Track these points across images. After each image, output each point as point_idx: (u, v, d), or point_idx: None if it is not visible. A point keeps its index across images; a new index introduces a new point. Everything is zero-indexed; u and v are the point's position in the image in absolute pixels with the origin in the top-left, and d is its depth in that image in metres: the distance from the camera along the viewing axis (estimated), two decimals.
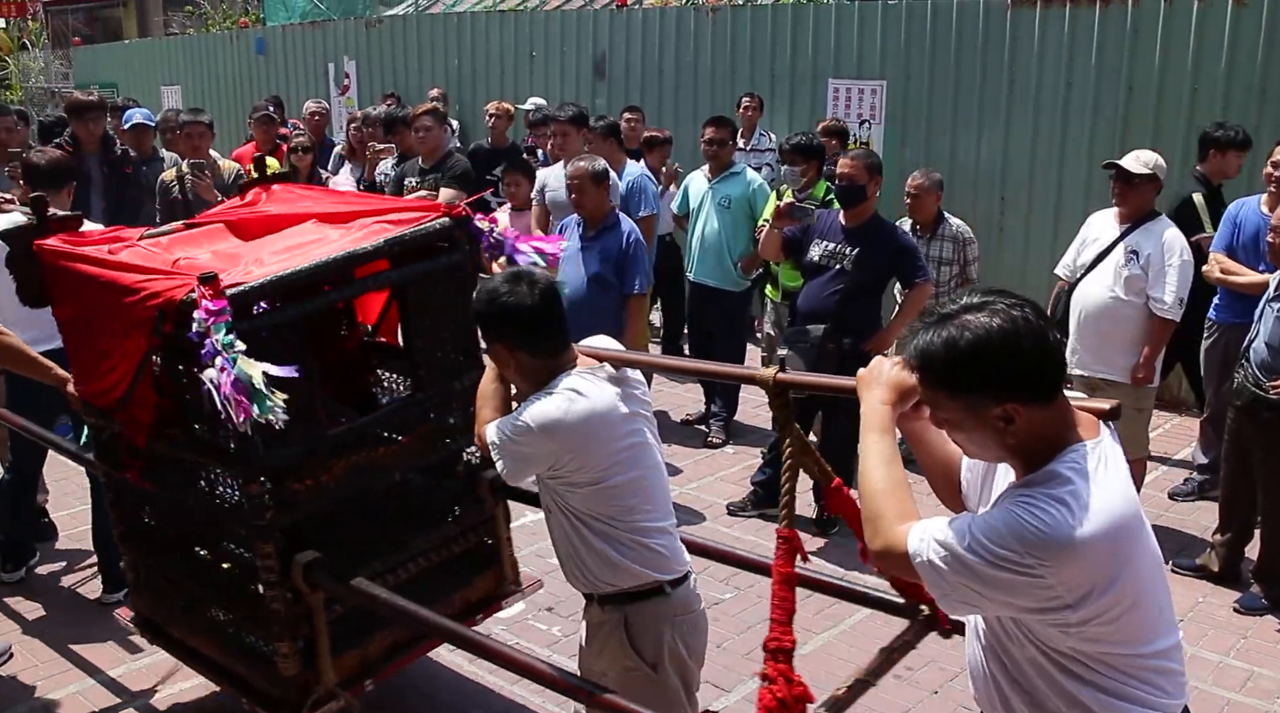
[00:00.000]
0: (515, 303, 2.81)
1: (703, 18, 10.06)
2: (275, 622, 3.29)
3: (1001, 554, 1.86)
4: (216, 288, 2.95)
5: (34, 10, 24.35)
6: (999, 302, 1.94)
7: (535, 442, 2.77)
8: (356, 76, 13.23)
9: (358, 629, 3.51)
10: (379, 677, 3.57)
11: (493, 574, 3.93)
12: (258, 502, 3.17)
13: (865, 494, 2.09)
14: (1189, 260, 5.30)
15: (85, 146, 7.01)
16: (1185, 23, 7.39)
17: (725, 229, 6.85)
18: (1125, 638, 1.95)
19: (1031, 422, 1.92)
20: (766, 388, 2.58)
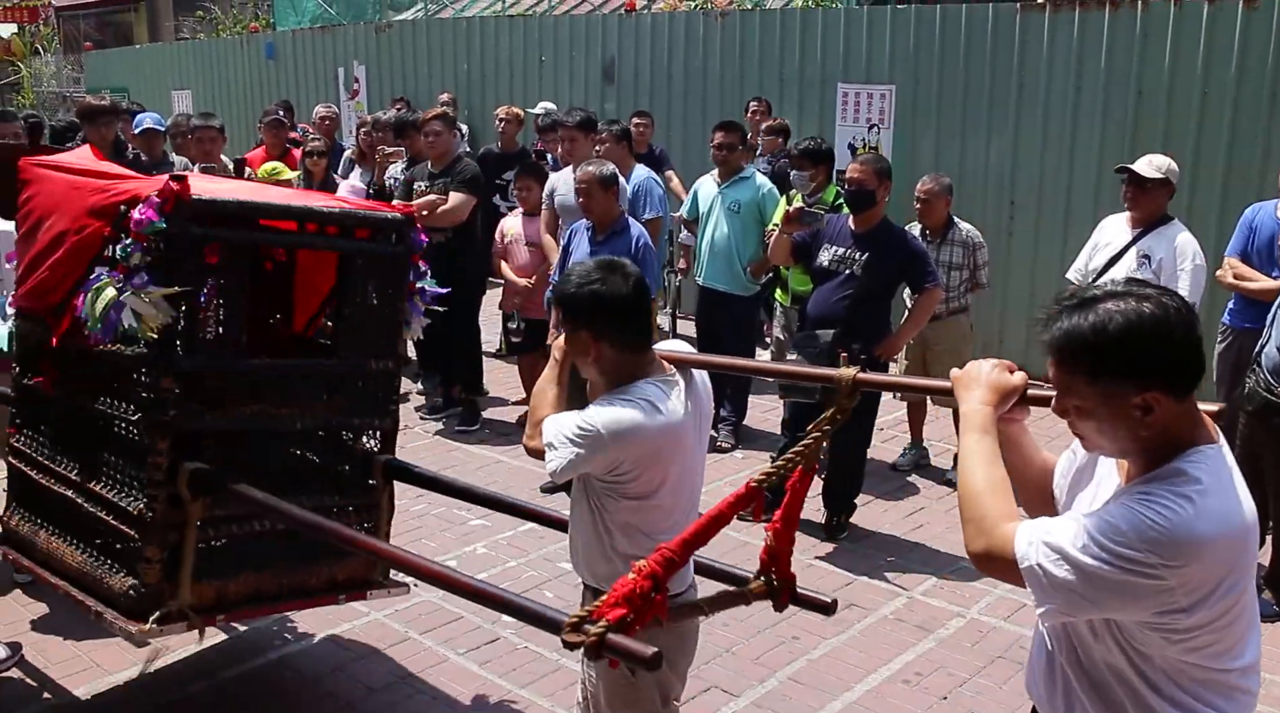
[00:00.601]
0: (608, 291, 2.78)
1: (712, 22, 10.07)
2: (148, 526, 3.38)
3: (1121, 553, 1.79)
4: (185, 188, 3.17)
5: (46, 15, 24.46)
6: (1149, 290, 1.89)
7: (599, 447, 2.71)
8: (366, 81, 13.27)
9: (222, 565, 3.61)
10: (233, 616, 3.70)
11: (367, 560, 3.94)
12: (166, 397, 3.34)
13: (966, 495, 2.02)
14: (1201, 264, 5.28)
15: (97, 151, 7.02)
16: (1195, 26, 7.38)
17: (734, 234, 6.85)
18: (1223, 650, 1.90)
19: (1168, 415, 1.86)
20: (842, 389, 2.54)
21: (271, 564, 3.68)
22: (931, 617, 4.85)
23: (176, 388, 3.37)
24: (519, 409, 7.56)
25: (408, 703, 4.19)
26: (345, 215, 3.76)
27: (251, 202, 3.55)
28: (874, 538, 5.70)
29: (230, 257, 3.48)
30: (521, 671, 4.37)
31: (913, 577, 5.24)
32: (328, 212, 3.74)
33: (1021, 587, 1.92)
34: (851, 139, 9.10)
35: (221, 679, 4.32)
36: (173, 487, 3.38)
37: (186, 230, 3.25)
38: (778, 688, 4.29)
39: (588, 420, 2.73)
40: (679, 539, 2.38)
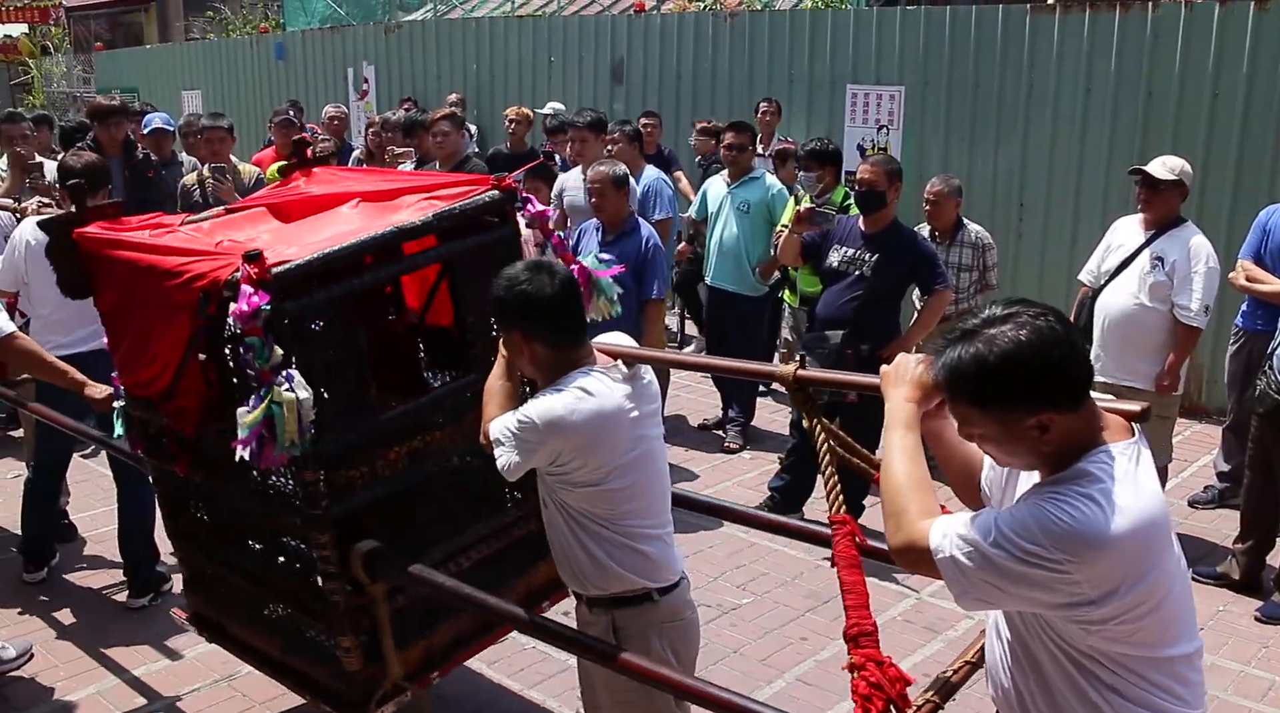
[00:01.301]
0: (534, 291, 2.80)
1: (721, 23, 10.07)
2: (335, 615, 3.20)
3: (1028, 549, 1.85)
4: (263, 266, 2.84)
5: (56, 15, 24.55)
6: (1023, 313, 1.93)
7: (538, 438, 2.74)
8: (375, 81, 13.29)
9: (421, 621, 3.42)
10: (445, 669, 3.51)
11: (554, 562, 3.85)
12: (312, 490, 3.07)
13: (887, 490, 2.09)
14: (1215, 267, 5.26)
15: (107, 151, 7.04)
16: (1206, 27, 7.35)
17: (744, 234, 6.84)
18: (1146, 640, 1.95)
19: (1065, 427, 1.92)
20: (786, 385, 2.59)
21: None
22: (940, 618, 4.84)
23: (322, 477, 3.07)
24: None
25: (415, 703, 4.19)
26: (440, 218, 3.30)
27: (334, 251, 3.04)
28: (882, 539, 5.69)
29: (331, 313, 3.10)
30: (529, 671, 4.37)
31: (921, 579, 5.23)
32: (421, 223, 3.26)
33: (939, 579, 1.98)
34: (860, 140, 9.10)
35: (231, 678, 4.33)
36: (349, 574, 3.15)
37: (279, 308, 2.88)
38: (786, 689, 4.29)
39: (524, 415, 2.77)
40: (849, 613, 2.32)
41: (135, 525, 4.90)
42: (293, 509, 3.22)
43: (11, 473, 5.98)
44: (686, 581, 3.07)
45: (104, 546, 5.44)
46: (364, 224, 3.31)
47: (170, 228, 3.51)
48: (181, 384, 3.20)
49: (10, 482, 5.79)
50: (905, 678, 2.24)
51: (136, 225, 3.55)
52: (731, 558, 5.41)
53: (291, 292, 2.94)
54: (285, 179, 4.04)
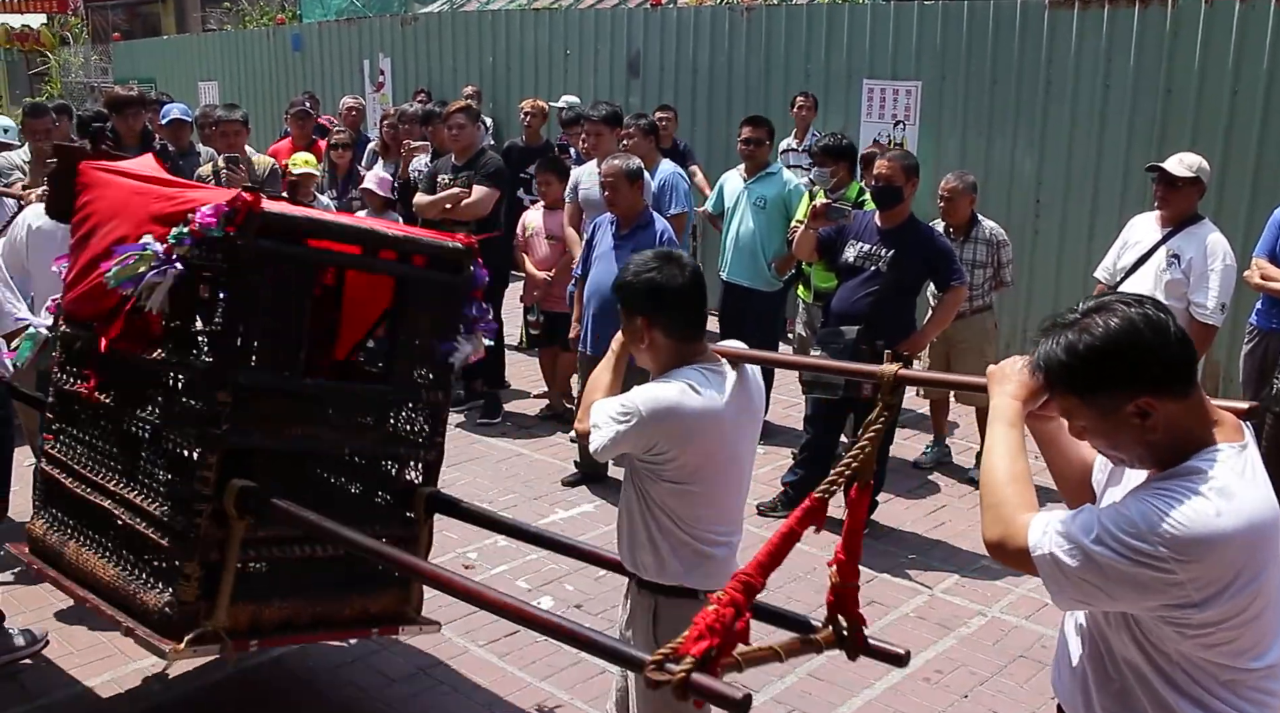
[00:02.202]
0: (664, 279, 2.88)
1: (737, 17, 10.04)
2: (191, 539, 3.31)
3: (1133, 546, 1.82)
4: (257, 200, 3.12)
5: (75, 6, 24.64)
6: (1116, 302, 1.95)
7: (638, 424, 2.78)
8: (391, 73, 13.31)
9: (260, 588, 3.55)
10: (265, 642, 3.62)
11: (398, 595, 3.90)
12: (220, 411, 3.26)
13: (987, 483, 2.08)
14: (1232, 265, 5.23)
15: (125, 141, 7.06)
16: (1226, 23, 7.30)
17: (760, 229, 6.83)
18: (1241, 649, 1.91)
19: (1169, 416, 1.90)
20: (885, 385, 2.58)
21: (306, 592, 3.61)
22: (953, 615, 4.84)
23: (230, 403, 3.29)
24: (540, 402, 7.58)
25: (428, 694, 4.20)
26: (406, 241, 3.70)
27: (320, 220, 3.49)
28: (895, 536, 5.69)
29: (293, 273, 3.42)
30: (542, 663, 4.37)
31: (934, 574, 5.22)
32: (389, 236, 3.66)
33: (1035, 575, 1.95)
34: (877, 135, 9.07)
35: (243, 668, 4.35)
36: (218, 503, 3.31)
37: (253, 242, 3.20)
38: (797, 684, 4.29)
39: (629, 399, 2.82)
40: (754, 563, 2.36)
41: None
42: (192, 426, 3.36)
43: (27, 461, 6.01)
44: None
45: None
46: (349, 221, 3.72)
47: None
48: (124, 308, 3.40)
49: (25, 470, 5.81)
50: (746, 637, 2.31)
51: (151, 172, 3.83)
52: (744, 553, 5.35)
53: (272, 236, 3.25)
54: None
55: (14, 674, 4.29)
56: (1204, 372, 5.61)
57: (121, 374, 3.63)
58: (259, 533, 3.42)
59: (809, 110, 8.85)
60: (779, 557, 2.41)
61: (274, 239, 3.29)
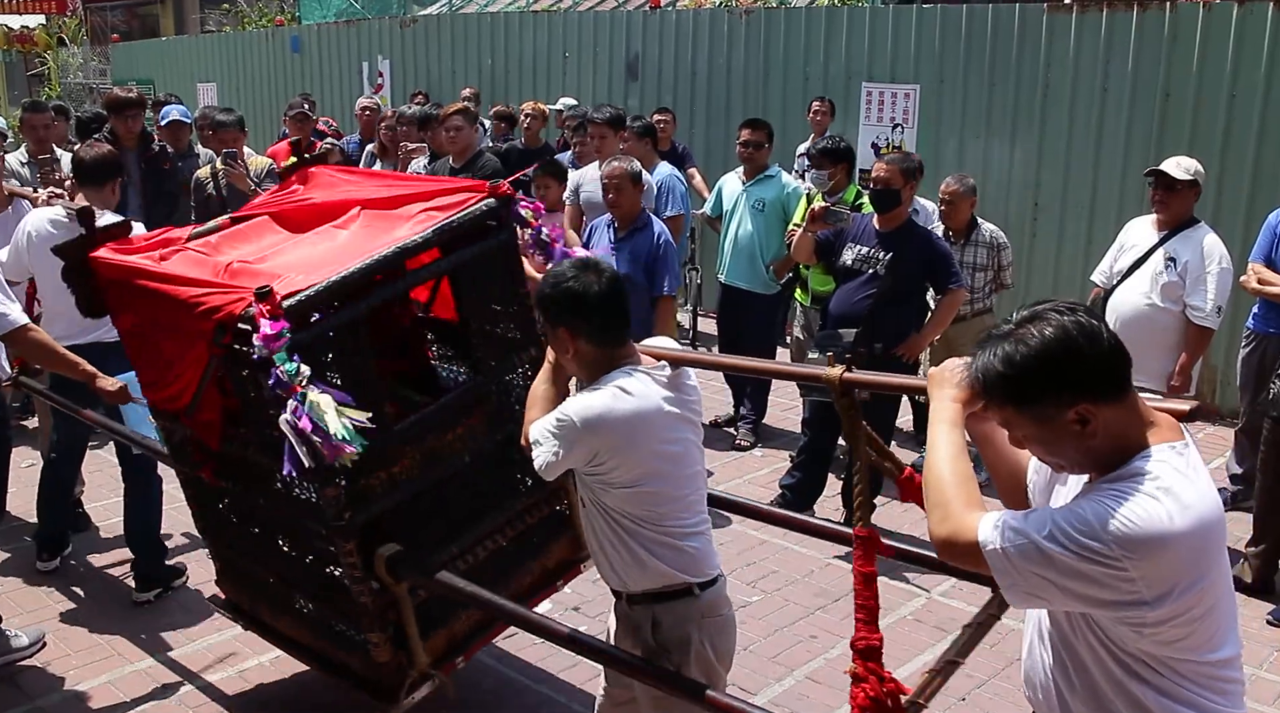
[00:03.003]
0: (581, 289, 2.83)
1: (736, 20, 10.05)
2: (363, 614, 3.35)
3: (1086, 544, 1.84)
4: (274, 302, 2.96)
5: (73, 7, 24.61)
6: (1049, 311, 1.96)
7: (575, 436, 2.76)
8: (390, 75, 13.31)
9: (443, 610, 3.56)
10: (468, 654, 3.66)
11: (568, 540, 3.94)
12: (335, 503, 3.20)
13: (931, 483, 2.10)
14: (1228, 267, 5.24)
15: (124, 142, 7.07)
16: (1224, 27, 7.32)
17: (758, 232, 6.83)
18: (1196, 644, 1.94)
19: (1108, 421, 1.92)
20: (833, 387, 2.60)
21: (488, 587, 3.49)
22: (950, 618, 4.84)
23: (343, 489, 3.20)
24: None
25: (425, 697, 4.20)
26: (440, 232, 3.40)
27: (341, 278, 3.15)
28: (893, 538, 5.64)
29: (343, 336, 3.24)
30: (538, 665, 4.37)
31: (931, 578, 5.22)
32: (417, 242, 3.36)
33: (985, 573, 1.97)
34: (875, 139, 9.08)
35: (242, 668, 4.35)
36: (374, 576, 3.30)
37: (293, 340, 3.01)
38: (795, 687, 4.29)
39: (563, 413, 2.80)
40: (859, 624, 2.41)
41: (139, 520, 4.92)
42: (317, 519, 3.32)
43: (26, 462, 6.01)
44: (724, 578, 3.08)
45: (117, 535, 5.45)
46: (368, 238, 3.42)
47: (178, 246, 3.58)
48: (203, 401, 3.35)
49: (25, 471, 5.81)
50: (902, 690, 2.33)
51: (144, 245, 3.64)
52: (741, 555, 5.41)
53: (301, 321, 3.07)
54: (284, 183, 4.15)
55: (12, 676, 4.30)
56: (1201, 376, 5.61)
57: (231, 458, 3.57)
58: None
59: (824, 115, 8.83)
60: (873, 605, 2.48)
61: (308, 329, 3.11)
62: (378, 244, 3.33)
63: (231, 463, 3.57)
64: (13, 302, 4.17)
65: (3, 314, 4.07)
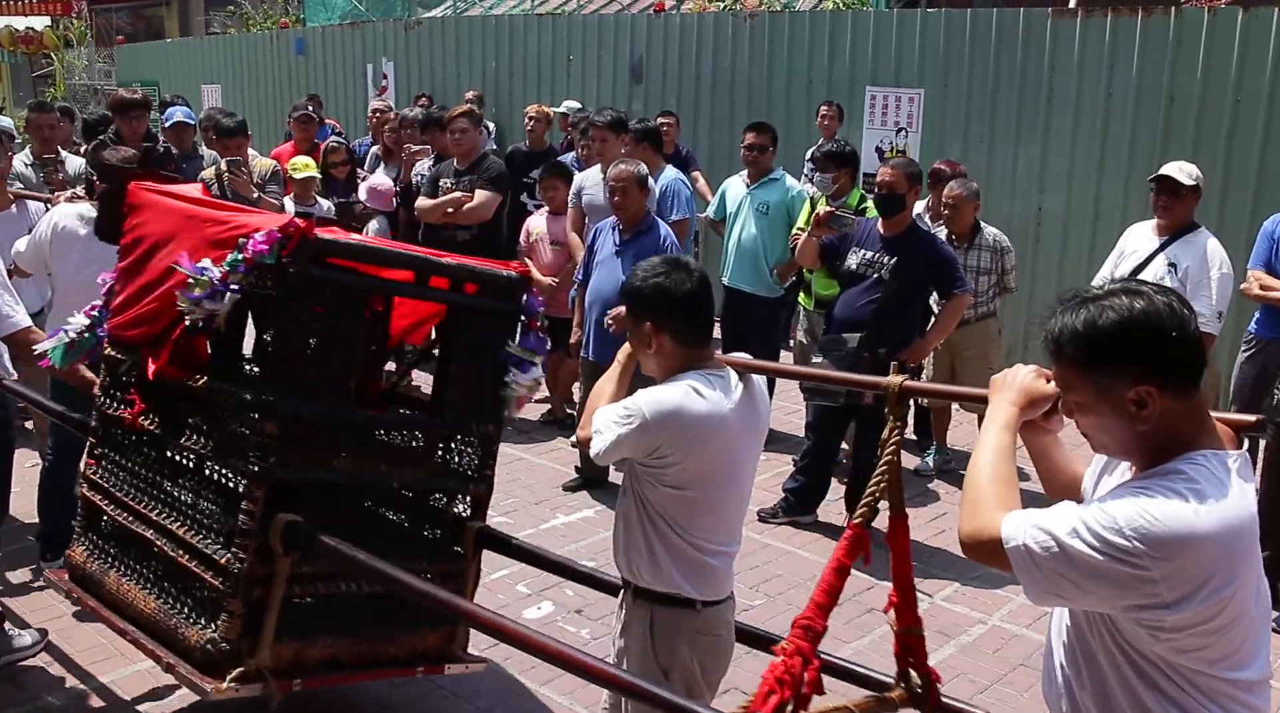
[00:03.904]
0: (673, 285, 2.88)
1: (740, 24, 10.06)
2: (234, 576, 3.24)
3: (1108, 540, 1.81)
4: (310, 226, 3.10)
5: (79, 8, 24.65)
6: (1144, 287, 1.93)
7: (640, 426, 2.77)
8: (394, 78, 13.32)
9: (304, 625, 3.46)
10: (308, 682, 3.49)
11: (446, 632, 3.85)
12: (268, 443, 3.19)
13: (970, 479, 2.07)
14: (1229, 272, 5.24)
15: (128, 144, 7.07)
16: (1229, 33, 7.32)
17: (762, 235, 6.82)
18: (1215, 657, 1.89)
19: (1165, 411, 1.88)
20: (890, 396, 2.58)
21: (351, 630, 3.54)
22: (953, 623, 4.83)
23: (278, 434, 3.21)
24: (541, 407, 7.57)
25: (428, 699, 4.20)
26: (459, 268, 3.61)
27: (373, 247, 3.40)
28: None
29: (343, 300, 3.35)
30: (541, 668, 4.36)
31: (934, 582, 5.22)
32: (442, 263, 3.59)
33: (1007, 571, 1.94)
34: (879, 143, 9.08)
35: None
36: (263, 538, 3.24)
37: (306, 269, 3.17)
38: None
39: (632, 402, 2.82)
40: (811, 605, 2.36)
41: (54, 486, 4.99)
42: (239, 458, 3.30)
43: (29, 462, 6.01)
44: (732, 602, 3.08)
45: None
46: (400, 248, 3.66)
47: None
48: (174, 333, 3.36)
49: (28, 471, 5.82)
50: (819, 687, 2.31)
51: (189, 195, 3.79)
52: (745, 559, 5.38)
53: (324, 262, 3.21)
54: None
55: (14, 675, 4.29)
56: (1206, 381, 5.58)
57: (166, 400, 3.56)
58: (305, 568, 3.34)
59: (832, 119, 8.80)
60: (834, 594, 2.42)
61: (326, 267, 3.26)
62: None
63: (163, 404, 3.56)
64: (17, 303, 4.19)
65: (6, 316, 4.09)
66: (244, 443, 3.28)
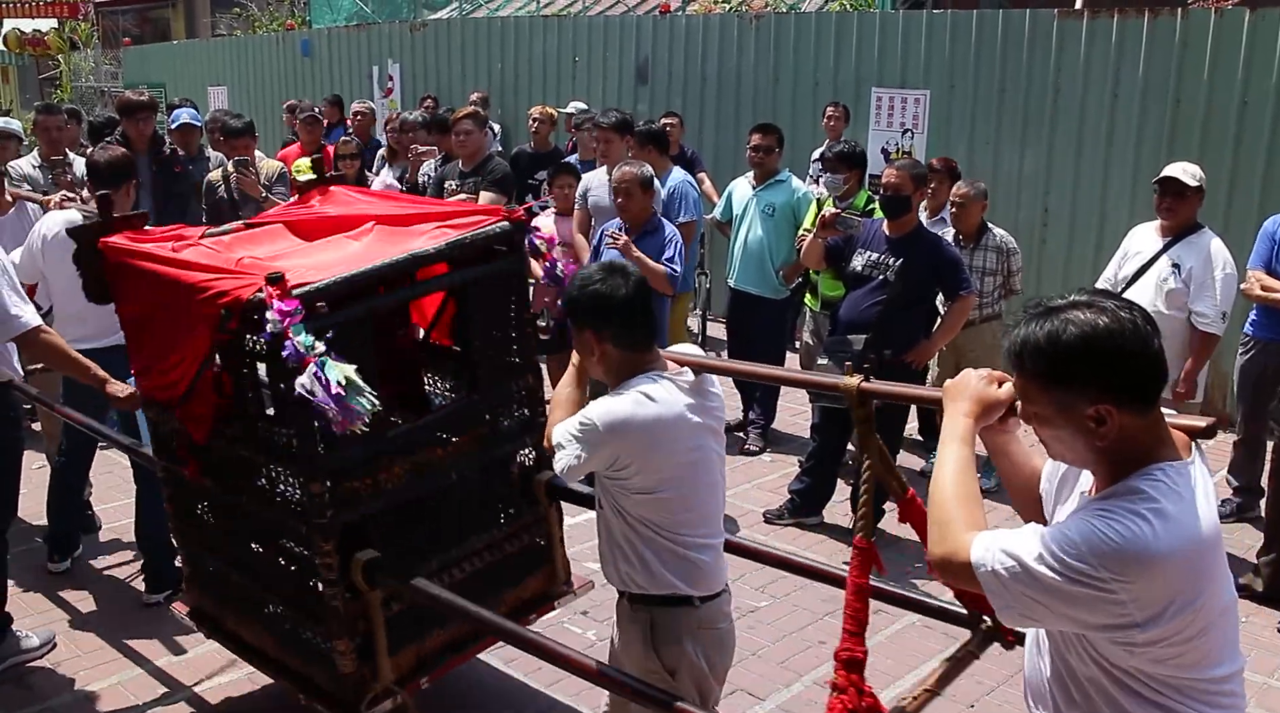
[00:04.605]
0: (608, 292, 2.86)
1: (746, 25, 10.06)
2: (333, 619, 3.31)
3: (1073, 566, 1.82)
4: (284, 287, 2.98)
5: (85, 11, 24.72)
6: (1108, 302, 1.91)
7: (597, 440, 2.78)
8: (400, 79, 13.34)
9: (413, 627, 3.53)
10: (434, 675, 3.61)
11: (545, 574, 3.95)
12: (319, 500, 3.19)
13: (935, 501, 2.07)
14: (1232, 273, 5.23)
15: (135, 146, 7.08)
16: (1236, 34, 7.31)
17: (768, 236, 6.82)
18: (1191, 662, 1.91)
19: (1124, 428, 1.88)
20: (850, 398, 2.59)
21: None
22: (956, 627, 4.82)
23: (328, 488, 3.21)
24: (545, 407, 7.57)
25: (434, 701, 4.20)
26: (453, 247, 3.45)
27: (354, 275, 3.21)
28: (901, 544, 5.67)
29: (345, 334, 3.22)
30: (547, 670, 4.37)
31: (939, 587, 5.21)
32: (429, 252, 3.41)
33: (979, 593, 1.95)
34: (885, 144, 9.08)
35: (252, 671, 4.35)
36: (348, 581, 3.29)
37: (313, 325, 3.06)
38: (804, 693, 4.29)
39: (586, 417, 2.81)
40: (845, 635, 2.40)
41: (152, 523, 4.94)
42: (298, 517, 3.31)
43: (36, 464, 6.03)
44: (728, 594, 3.09)
45: (127, 537, 5.47)
46: (380, 249, 3.45)
47: (192, 241, 3.60)
48: (196, 391, 3.33)
49: (35, 473, 5.83)
50: (879, 709, 2.34)
51: (159, 236, 3.68)
52: (750, 560, 5.40)
53: (310, 312, 3.05)
54: (303, 198, 4.18)
55: (23, 676, 4.31)
56: (1212, 383, 5.60)
57: (218, 458, 3.57)
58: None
59: (838, 120, 8.79)
60: (862, 618, 2.45)
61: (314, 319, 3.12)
62: (389, 253, 3.37)
63: (216, 460, 3.57)
64: (26, 303, 4.19)
65: (15, 316, 4.08)
66: (298, 505, 3.30)
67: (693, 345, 3.23)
